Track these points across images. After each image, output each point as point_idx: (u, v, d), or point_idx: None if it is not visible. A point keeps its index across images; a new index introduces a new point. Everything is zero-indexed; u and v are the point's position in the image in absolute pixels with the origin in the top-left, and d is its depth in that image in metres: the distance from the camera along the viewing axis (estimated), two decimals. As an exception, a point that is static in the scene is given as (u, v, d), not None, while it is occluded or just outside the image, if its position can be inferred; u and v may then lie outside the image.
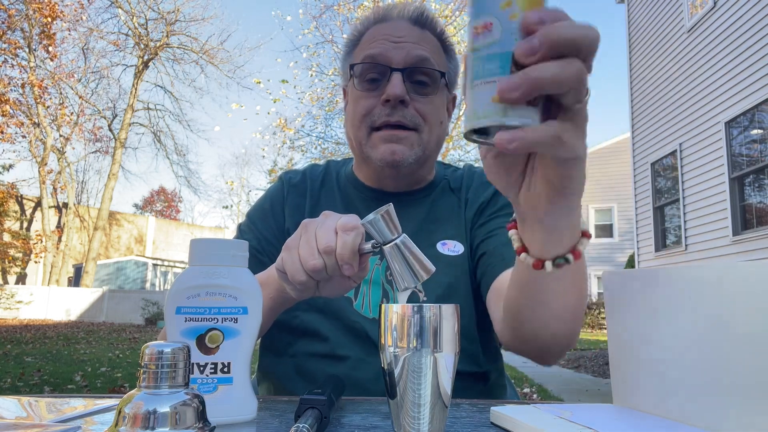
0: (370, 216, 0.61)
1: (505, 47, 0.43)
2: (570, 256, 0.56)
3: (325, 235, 0.62)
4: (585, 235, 0.58)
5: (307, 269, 0.62)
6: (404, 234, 0.62)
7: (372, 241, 0.63)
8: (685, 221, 9.09)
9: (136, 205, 40.89)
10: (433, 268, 0.62)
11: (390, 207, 0.61)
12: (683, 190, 9.16)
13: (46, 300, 18.18)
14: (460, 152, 12.79)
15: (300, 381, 0.92)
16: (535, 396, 5.15)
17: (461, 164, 1.14)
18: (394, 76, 0.92)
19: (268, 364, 0.99)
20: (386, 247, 0.62)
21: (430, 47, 0.97)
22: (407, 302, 0.58)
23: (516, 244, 0.59)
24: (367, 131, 0.95)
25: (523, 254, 0.58)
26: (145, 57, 23.44)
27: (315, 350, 0.93)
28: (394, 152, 0.93)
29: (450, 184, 1.07)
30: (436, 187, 1.06)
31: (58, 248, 21.98)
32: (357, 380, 0.87)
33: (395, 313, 0.50)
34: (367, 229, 0.62)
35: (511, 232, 0.59)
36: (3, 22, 18.11)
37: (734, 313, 0.46)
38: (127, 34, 23.44)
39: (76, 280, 23.36)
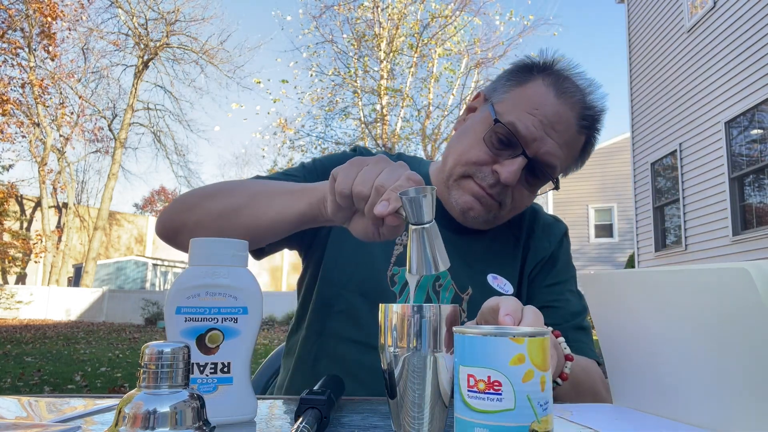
0: (411, 192, 0.60)
1: (521, 420, 0.36)
2: (559, 380, 0.66)
3: (389, 175, 0.65)
4: (568, 358, 0.68)
5: (354, 191, 0.65)
6: (434, 221, 0.62)
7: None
8: (685, 221, 9.09)
9: (136, 205, 40.93)
10: (448, 264, 0.62)
11: (434, 191, 0.60)
12: (683, 190, 9.16)
13: (46, 300, 18.17)
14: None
15: (328, 362, 0.93)
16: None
17: None
18: (518, 162, 0.89)
19: (298, 341, 0.99)
20: (413, 227, 0.61)
21: (569, 153, 0.94)
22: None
23: None
24: (462, 174, 0.94)
25: None
26: (145, 57, 23.42)
27: (349, 335, 0.93)
28: (471, 208, 0.94)
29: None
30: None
31: (58, 248, 21.97)
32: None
33: (395, 313, 0.50)
34: (403, 203, 0.61)
35: None
36: (3, 22, 18.11)
37: (713, 315, 0.46)
38: (127, 34, 23.44)
39: (76, 280, 23.35)
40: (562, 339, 0.73)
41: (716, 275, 0.46)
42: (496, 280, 0.99)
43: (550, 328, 0.73)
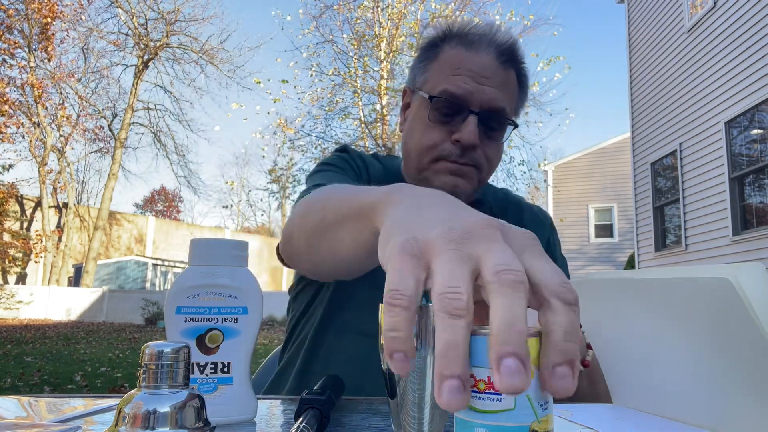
0: None
1: (521, 420, 0.34)
2: (581, 367, 0.67)
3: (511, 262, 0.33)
4: (588, 347, 0.68)
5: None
6: None
7: None
8: (685, 221, 9.09)
9: (136, 205, 40.95)
10: None
11: None
12: (683, 190, 9.16)
13: (46, 300, 18.17)
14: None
15: (347, 361, 0.91)
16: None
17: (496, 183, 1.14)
18: (470, 120, 0.90)
19: (308, 336, 0.97)
20: None
21: (509, 91, 0.95)
22: None
23: None
24: (431, 160, 0.94)
25: None
26: (145, 57, 23.42)
27: (359, 324, 0.91)
28: (456, 185, 0.94)
29: (492, 209, 1.06)
30: (480, 206, 1.05)
31: (58, 248, 21.97)
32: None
33: (395, 313, 0.50)
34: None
35: None
36: (2, 23, 18.11)
37: (698, 323, 0.46)
38: (127, 34, 23.44)
39: (76, 280, 23.35)
40: (582, 329, 0.73)
41: (699, 285, 0.45)
42: None
43: None
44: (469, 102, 0.91)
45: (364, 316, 0.91)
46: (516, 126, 0.97)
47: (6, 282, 20.77)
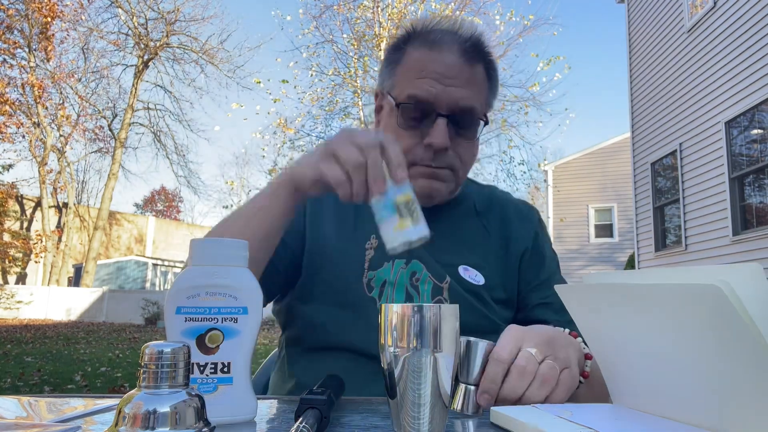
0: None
1: (389, 197, 0.71)
2: (581, 378, 0.70)
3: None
4: (587, 357, 0.71)
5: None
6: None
7: None
8: (685, 221, 9.09)
9: (136, 205, 40.93)
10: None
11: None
12: (683, 190, 9.16)
13: (46, 300, 18.17)
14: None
15: (319, 378, 0.92)
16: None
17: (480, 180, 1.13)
18: (439, 123, 0.90)
19: (291, 357, 0.98)
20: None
21: (477, 87, 0.95)
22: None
23: None
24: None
25: None
26: (145, 57, 23.42)
27: (335, 345, 0.91)
28: (432, 189, 0.94)
29: (476, 206, 1.06)
30: (460, 204, 1.05)
31: (58, 248, 21.97)
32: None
33: (395, 313, 0.50)
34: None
35: None
36: (2, 23, 18.11)
37: (690, 328, 0.46)
38: (127, 34, 23.43)
39: (76, 280, 23.35)
40: (580, 339, 0.73)
41: (689, 291, 0.45)
42: (467, 272, 0.98)
43: (567, 330, 0.74)
44: (436, 105, 0.90)
45: (320, 332, 0.93)
46: (487, 122, 0.97)
47: (6, 282, 20.77)
